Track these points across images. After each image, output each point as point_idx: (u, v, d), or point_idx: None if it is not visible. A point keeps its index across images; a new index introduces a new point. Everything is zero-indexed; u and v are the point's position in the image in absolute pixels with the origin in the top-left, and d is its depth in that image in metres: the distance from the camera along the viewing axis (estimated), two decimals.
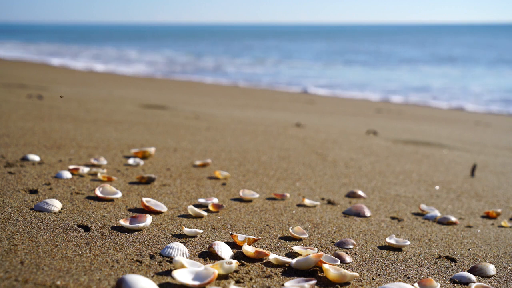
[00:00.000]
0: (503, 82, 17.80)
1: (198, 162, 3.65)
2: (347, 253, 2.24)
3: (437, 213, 2.94)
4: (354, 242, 2.37)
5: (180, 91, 11.38)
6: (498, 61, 26.51)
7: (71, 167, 3.11)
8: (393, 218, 2.85)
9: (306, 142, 4.98)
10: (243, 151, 4.28)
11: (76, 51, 32.30)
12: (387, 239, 2.39)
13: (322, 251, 2.25)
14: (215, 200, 2.79)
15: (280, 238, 2.37)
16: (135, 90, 10.12)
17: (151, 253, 2.03)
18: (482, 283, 2.01)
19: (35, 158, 3.35)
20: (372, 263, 2.17)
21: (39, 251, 1.92)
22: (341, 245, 2.34)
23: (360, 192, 3.24)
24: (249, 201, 2.93)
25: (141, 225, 2.27)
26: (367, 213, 2.85)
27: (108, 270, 1.83)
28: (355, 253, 2.27)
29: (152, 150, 3.75)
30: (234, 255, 2.10)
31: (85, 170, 3.12)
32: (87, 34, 76.27)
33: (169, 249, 2.03)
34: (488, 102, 12.94)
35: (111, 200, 2.67)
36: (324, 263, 2.02)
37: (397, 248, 2.37)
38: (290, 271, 1.99)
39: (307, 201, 2.93)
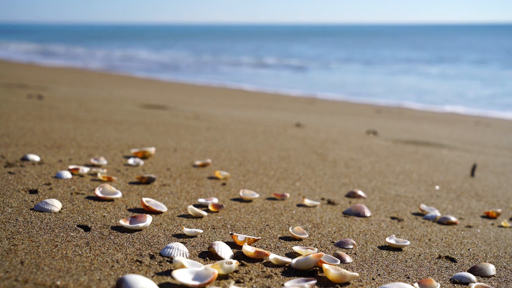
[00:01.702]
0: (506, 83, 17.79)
1: (198, 162, 3.65)
2: (347, 253, 2.24)
3: (437, 213, 2.94)
4: (354, 242, 2.37)
5: (180, 91, 11.38)
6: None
7: (71, 167, 3.11)
8: (393, 218, 2.85)
9: (306, 142, 4.98)
10: (243, 151, 4.28)
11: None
12: (387, 239, 2.39)
13: (322, 251, 2.25)
14: (215, 200, 2.79)
15: (280, 238, 2.37)
16: (135, 90, 10.12)
17: (151, 253, 2.03)
18: (482, 283, 2.01)
19: (35, 158, 3.35)
20: (372, 263, 2.17)
21: (39, 251, 1.92)
22: (341, 245, 2.34)
23: (360, 192, 3.24)
24: (249, 201, 2.93)
25: (141, 225, 2.27)
26: (367, 213, 2.85)
27: (108, 270, 1.83)
28: (355, 253, 2.27)
29: (152, 150, 3.75)
30: (234, 255, 2.10)
31: (85, 170, 3.12)
32: (86, 34, 76.28)
33: (169, 249, 2.03)
34: (489, 104, 12.95)
35: (111, 200, 2.67)
36: (324, 263, 2.02)
37: (397, 248, 2.37)
38: (290, 271, 1.99)
39: (307, 201, 2.93)
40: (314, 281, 1.84)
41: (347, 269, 2.07)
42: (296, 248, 2.18)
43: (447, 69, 22.59)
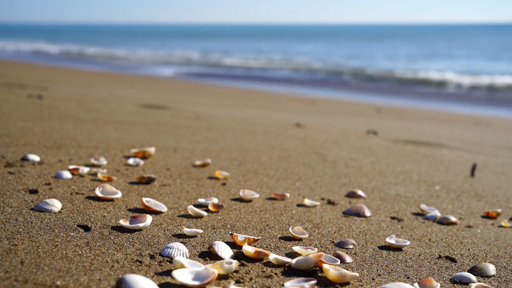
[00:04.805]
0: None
1: (198, 162, 3.65)
2: (347, 253, 2.24)
3: (437, 213, 2.94)
4: (354, 242, 2.37)
5: (180, 91, 11.38)
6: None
7: (71, 167, 3.11)
8: (393, 218, 2.85)
9: (306, 142, 4.98)
10: (243, 151, 4.28)
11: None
12: (387, 239, 2.39)
13: (322, 251, 2.25)
14: (215, 200, 2.79)
15: (280, 238, 2.37)
16: (135, 90, 10.12)
17: (151, 253, 2.03)
18: (482, 283, 2.01)
19: (35, 158, 3.35)
20: (372, 263, 2.17)
21: (39, 251, 1.92)
22: (341, 245, 2.34)
23: (360, 192, 3.24)
24: (249, 201, 2.93)
25: (141, 225, 2.27)
26: (367, 213, 2.85)
27: (108, 270, 1.83)
28: (355, 253, 2.27)
29: (152, 150, 3.75)
30: (234, 255, 2.10)
31: (85, 170, 3.12)
32: (95, 34, 76.01)
33: (169, 249, 2.03)
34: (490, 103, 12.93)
35: (111, 200, 2.67)
36: (324, 263, 2.02)
37: (397, 248, 2.37)
38: (290, 271, 1.99)
39: (307, 201, 2.93)
40: (314, 281, 1.84)
41: (347, 269, 2.07)
42: (296, 248, 2.18)
43: (444, 67, 22.38)
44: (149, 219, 2.32)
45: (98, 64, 22.54)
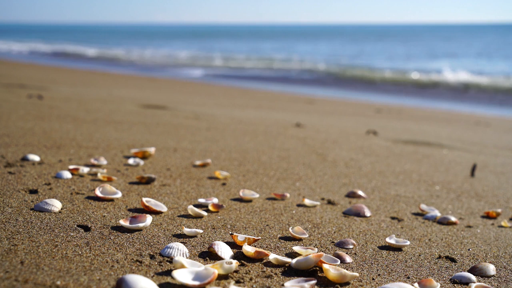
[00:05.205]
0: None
1: (198, 162, 3.65)
2: (347, 253, 2.24)
3: (437, 213, 2.94)
4: (354, 242, 2.37)
5: (180, 91, 11.38)
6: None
7: (71, 167, 3.11)
8: (393, 218, 2.86)
9: (306, 142, 4.98)
10: (243, 151, 4.28)
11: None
12: (387, 239, 2.39)
13: (322, 251, 2.25)
14: (215, 200, 2.79)
15: (280, 238, 2.37)
16: (135, 90, 10.12)
17: (151, 253, 2.03)
18: (482, 283, 2.01)
19: (35, 158, 3.35)
20: (372, 263, 2.17)
21: (39, 251, 1.93)
22: (341, 245, 2.34)
23: (360, 192, 3.24)
24: (249, 201, 2.93)
25: (141, 225, 2.27)
26: (367, 213, 2.85)
27: (108, 270, 1.83)
28: (355, 253, 2.27)
29: (152, 150, 3.75)
30: (234, 255, 2.10)
31: (85, 170, 3.12)
32: (92, 33, 75.87)
33: (169, 249, 2.03)
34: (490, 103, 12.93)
35: (111, 200, 2.67)
36: (324, 263, 2.02)
37: (397, 248, 2.37)
38: (290, 271, 1.99)
39: (307, 201, 2.93)
40: (314, 281, 1.84)
41: (347, 269, 2.07)
42: (296, 248, 2.18)
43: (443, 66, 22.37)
44: (149, 219, 2.32)
45: (101, 65, 22.46)
